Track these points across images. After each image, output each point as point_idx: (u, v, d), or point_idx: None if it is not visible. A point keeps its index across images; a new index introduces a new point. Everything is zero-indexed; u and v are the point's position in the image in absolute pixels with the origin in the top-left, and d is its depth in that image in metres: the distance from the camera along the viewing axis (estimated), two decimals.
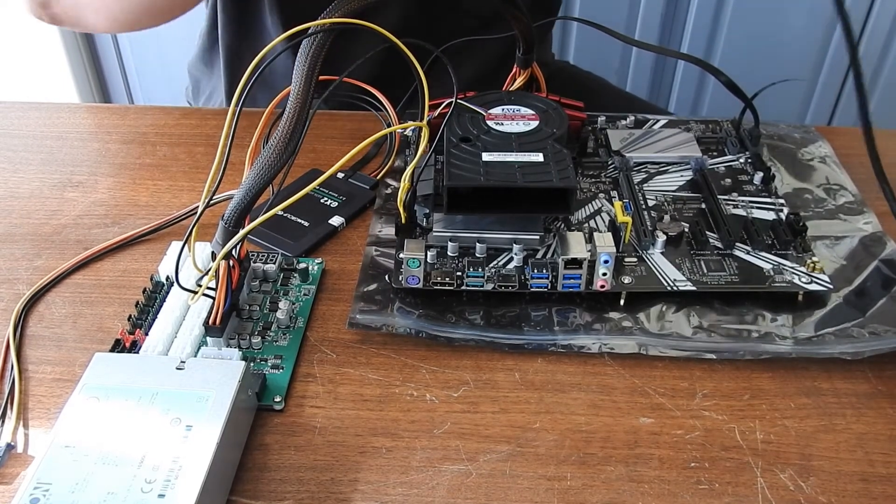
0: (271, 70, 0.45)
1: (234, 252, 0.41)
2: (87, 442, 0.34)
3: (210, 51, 0.78)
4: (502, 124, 0.48)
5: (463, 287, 0.44)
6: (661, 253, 0.47)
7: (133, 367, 0.38)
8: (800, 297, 0.45)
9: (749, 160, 0.55)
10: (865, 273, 0.47)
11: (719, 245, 0.47)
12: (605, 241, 0.43)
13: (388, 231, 0.49)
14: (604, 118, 0.58)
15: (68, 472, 0.33)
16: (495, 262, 0.46)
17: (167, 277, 0.46)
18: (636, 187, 0.52)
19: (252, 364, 0.42)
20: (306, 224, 0.51)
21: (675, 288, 0.44)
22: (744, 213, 0.50)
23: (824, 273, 0.45)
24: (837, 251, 0.48)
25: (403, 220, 0.47)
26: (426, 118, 0.47)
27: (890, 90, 1.35)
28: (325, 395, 0.41)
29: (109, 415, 0.35)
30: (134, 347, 0.42)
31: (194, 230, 0.41)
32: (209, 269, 0.41)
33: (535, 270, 0.44)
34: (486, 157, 0.46)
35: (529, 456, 0.38)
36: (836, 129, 0.63)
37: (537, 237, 0.46)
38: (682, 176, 0.53)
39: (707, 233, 0.48)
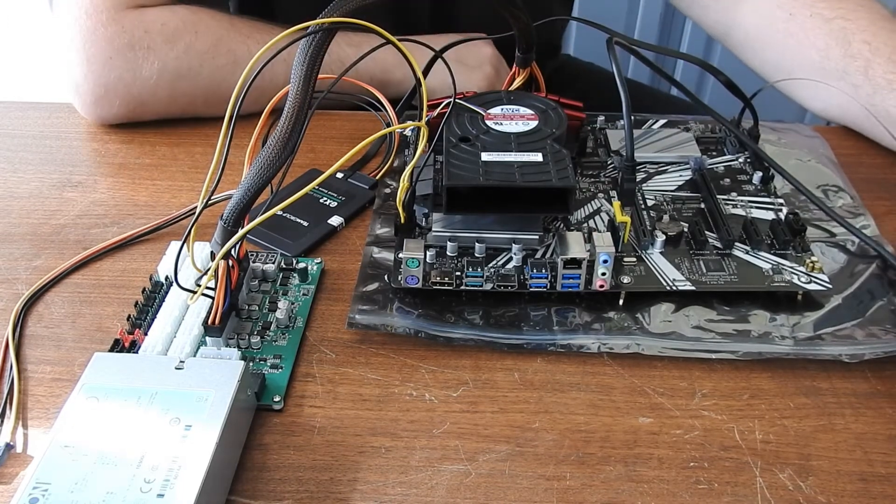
0: None
1: (233, 252, 0.41)
2: (87, 442, 0.34)
3: None
4: (501, 124, 0.48)
5: (462, 287, 0.44)
6: (661, 253, 0.47)
7: (132, 367, 0.38)
8: (799, 297, 0.45)
9: (748, 160, 0.55)
10: (864, 274, 0.47)
11: (718, 245, 0.47)
12: (604, 241, 0.43)
13: (388, 231, 0.49)
14: (603, 118, 0.58)
15: (67, 471, 0.33)
16: (494, 262, 0.46)
17: (166, 277, 0.46)
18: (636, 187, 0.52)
19: (251, 364, 0.42)
20: (305, 224, 0.51)
21: (674, 288, 0.44)
22: (743, 213, 0.50)
23: (823, 273, 0.45)
24: (835, 252, 0.48)
25: (402, 220, 0.47)
26: (425, 118, 0.47)
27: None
28: (324, 394, 0.41)
29: (108, 414, 0.35)
30: (133, 347, 0.42)
31: (193, 230, 0.41)
32: (208, 269, 0.41)
33: (535, 270, 0.44)
34: (485, 156, 0.46)
35: (528, 456, 0.38)
36: (834, 129, 0.63)
37: (536, 237, 0.46)
38: (681, 176, 0.53)
39: (706, 232, 0.48)
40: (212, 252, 0.41)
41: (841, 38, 0.58)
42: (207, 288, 0.41)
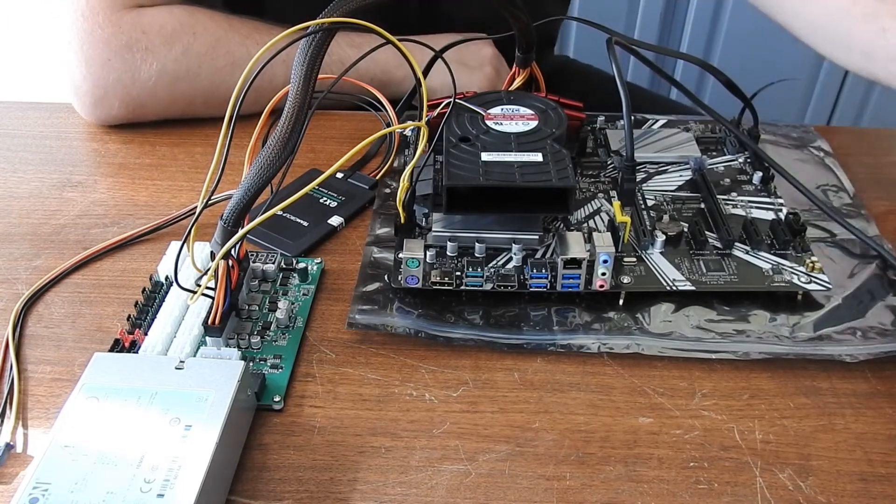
0: None
1: (233, 252, 0.41)
2: (87, 442, 0.34)
3: None
4: (501, 124, 0.48)
5: (462, 287, 0.44)
6: (661, 253, 0.47)
7: (132, 367, 0.38)
8: (799, 297, 0.45)
9: (748, 160, 0.55)
10: (863, 274, 0.47)
11: (718, 245, 0.47)
12: (604, 241, 0.43)
13: (388, 231, 0.49)
14: (603, 118, 0.58)
15: (67, 471, 0.33)
16: (494, 262, 0.46)
17: (166, 277, 0.46)
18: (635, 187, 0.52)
19: (251, 364, 0.42)
20: (305, 224, 0.51)
21: (674, 288, 0.44)
22: (743, 213, 0.50)
23: (823, 273, 0.45)
24: (836, 252, 0.48)
25: (402, 220, 0.47)
26: (425, 118, 0.47)
27: (890, 89, 1.35)
28: (324, 394, 0.41)
29: (108, 414, 0.35)
30: (133, 347, 0.42)
31: (193, 230, 0.41)
32: (208, 269, 0.41)
33: (535, 270, 0.44)
34: (485, 156, 0.46)
35: (528, 456, 0.38)
36: (835, 128, 0.63)
37: (536, 237, 0.46)
38: (681, 176, 0.53)
39: (706, 232, 0.48)
40: (212, 252, 0.41)
41: None
42: (207, 288, 0.41)
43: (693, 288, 0.44)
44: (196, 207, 0.44)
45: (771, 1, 0.63)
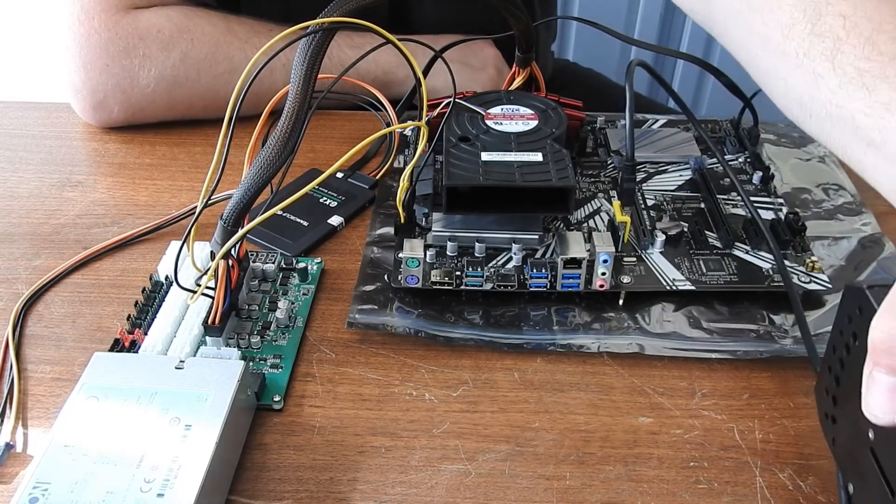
0: None
1: (233, 251, 0.41)
2: (87, 441, 0.34)
3: None
4: (501, 124, 0.48)
5: (462, 287, 0.44)
6: (661, 252, 0.47)
7: (132, 367, 0.38)
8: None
9: (748, 160, 0.55)
10: (864, 274, 0.47)
11: (718, 244, 0.47)
12: (603, 241, 0.43)
13: (388, 231, 0.49)
14: (603, 118, 0.58)
15: (67, 471, 0.33)
16: (494, 262, 0.46)
17: (166, 277, 0.46)
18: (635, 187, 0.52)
19: (251, 363, 0.42)
20: (305, 224, 0.51)
21: (674, 287, 0.44)
22: (743, 213, 0.50)
23: (823, 272, 0.45)
24: (836, 251, 0.48)
25: (402, 220, 0.47)
26: (425, 118, 0.47)
27: None
28: (324, 394, 0.41)
29: (108, 414, 0.35)
30: (133, 347, 0.42)
31: (193, 229, 0.41)
32: (208, 269, 0.41)
33: (535, 270, 0.44)
34: (485, 156, 0.46)
35: (528, 455, 0.38)
36: None
37: (536, 237, 0.46)
38: (681, 175, 0.53)
39: (706, 232, 0.48)
40: (212, 252, 0.41)
41: (812, 9, 0.41)
42: (207, 287, 0.41)
43: (693, 288, 0.44)
44: (196, 207, 0.44)
45: (728, 39, 0.48)
